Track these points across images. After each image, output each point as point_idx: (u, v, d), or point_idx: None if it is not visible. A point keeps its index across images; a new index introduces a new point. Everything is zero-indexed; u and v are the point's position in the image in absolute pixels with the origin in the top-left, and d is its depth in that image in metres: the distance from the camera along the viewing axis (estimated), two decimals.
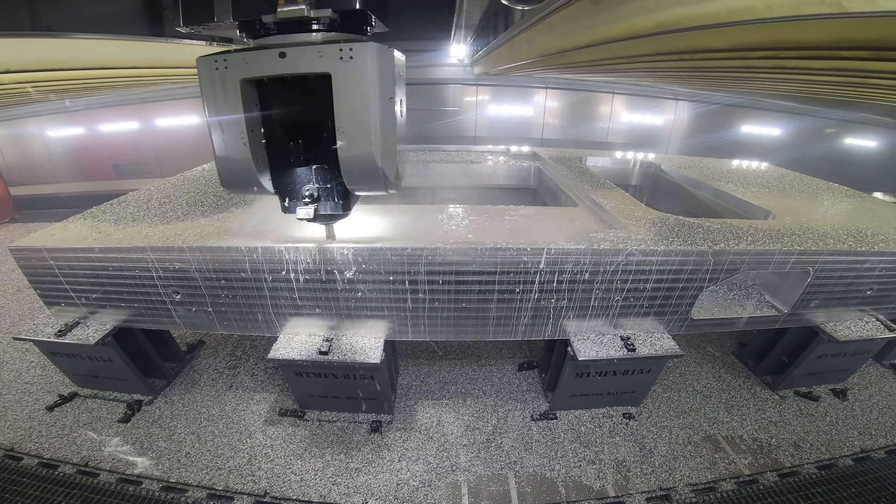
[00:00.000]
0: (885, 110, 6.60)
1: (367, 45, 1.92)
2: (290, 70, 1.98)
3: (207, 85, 2.03)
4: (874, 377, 4.44)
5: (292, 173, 2.43)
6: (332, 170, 2.38)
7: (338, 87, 1.97)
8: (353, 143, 2.08)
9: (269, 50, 1.95)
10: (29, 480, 3.18)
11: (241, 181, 2.31)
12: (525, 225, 3.58)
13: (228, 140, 2.13)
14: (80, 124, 10.66)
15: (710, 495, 3.18)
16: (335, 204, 2.50)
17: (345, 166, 2.17)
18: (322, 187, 2.45)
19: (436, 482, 3.24)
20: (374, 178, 2.23)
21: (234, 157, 2.18)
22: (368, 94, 1.98)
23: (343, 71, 1.94)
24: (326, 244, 3.07)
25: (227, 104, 2.04)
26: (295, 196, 2.48)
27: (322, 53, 1.92)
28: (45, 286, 3.43)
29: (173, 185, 4.75)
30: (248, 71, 1.98)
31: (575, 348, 3.37)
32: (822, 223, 3.86)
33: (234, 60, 1.97)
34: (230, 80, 1.99)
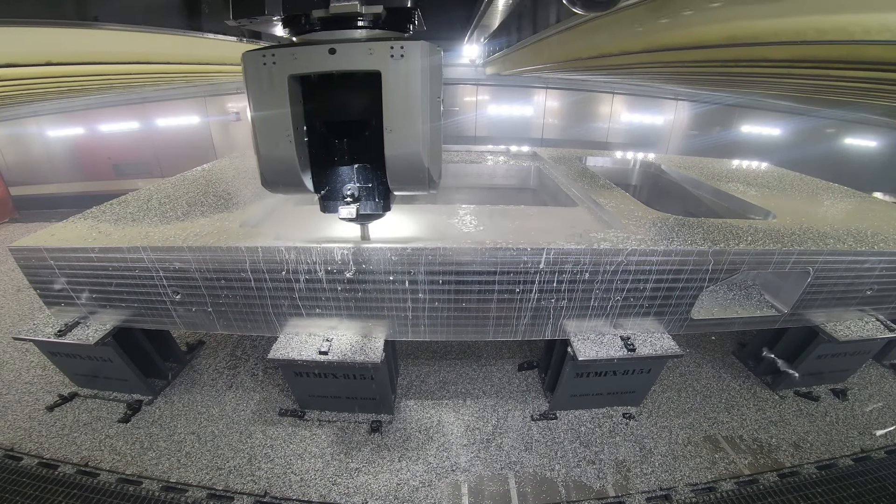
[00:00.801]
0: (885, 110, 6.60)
1: (418, 44, 1.91)
2: (339, 67, 1.95)
3: (254, 80, 1.99)
4: (874, 377, 4.44)
5: (333, 172, 2.40)
6: (373, 169, 2.36)
7: (388, 85, 1.95)
8: (400, 142, 2.06)
9: (318, 46, 1.92)
10: (29, 480, 3.18)
11: (283, 180, 2.26)
12: (525, 225, 3.58)
13: (273, 137, 2.09)
14: (80, 124, 10.66)
15: (710, 495, 3.18)
16: (375, 204, 2.49)
17: (391, 165, 2.14)
18: (363, 187, 2.43)
19: (436, 482, 3.24)
20: (419, 178, 2.21)
21: (279, 156, 2.14)
22: (418, 93, 1.97)
23: (393, 69, 1.92)
24: (363, 244, 3.06)
25: (273, 100, 2.01)
26: (334, 195, 2.45)
27: (372, 51, 1.90)
28: (45, 286, 3.43)
29: (173, 185, 4.75)
30: (297, 67, 1.95)
31: (575, 348, 3.37)
32: (822, 223, 3.86)
33: (282, 56, 1.94)
34: (277, 75, 1.96)
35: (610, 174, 6.56)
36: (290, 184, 2.29)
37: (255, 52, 1.95)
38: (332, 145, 2.28)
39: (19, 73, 3.37)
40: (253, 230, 3.42)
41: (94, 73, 4.06)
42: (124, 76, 4.78)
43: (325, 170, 2.38)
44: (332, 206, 2.50)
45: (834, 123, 10.14)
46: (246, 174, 5.22)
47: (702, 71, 3.93)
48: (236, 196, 4.28)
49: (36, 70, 3.38)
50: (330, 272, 3.13)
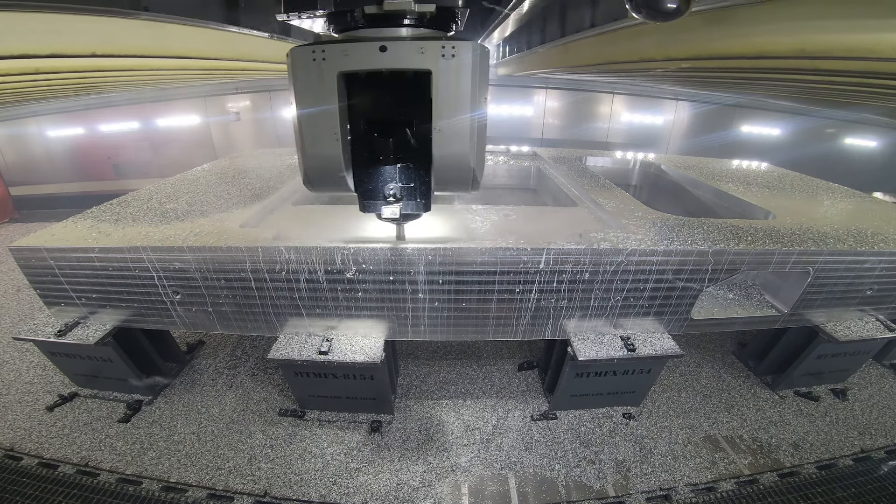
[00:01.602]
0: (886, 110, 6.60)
1: (469, 44, 1.90)
2: (389, 65, 1.92)
3: (303, 76, 1.95)
4: (874, 377, 4.44)
5: (375, 172, 2.37)
6: (416, 169, 2.35)
7: (438, 84, 1.93)
8: (448, 142, 2.06)
9: (369, 43, 1.90)
10: (29, 480, 3.18)
11: (328, 179, 2.23)
12: (525, 225, 3.58)
13: (320, 135, 2.07)
14: (80, 124, 10.66)
15: (710, 495, 3.18)
16: (417, 203, 2.46)
17: (437, 165, 2.13)
18: (405, 186, 2.40)
19: (436, 482, 3.24)
20: (464, 179, 2.20)
21: (325, 154, 2.11)
22: (467, 94, 1.96)
23: (444, 69, 1.91)
24: (401, 245, 3.05)
25: (322, 97, 1.98)
26: (374, 195, 2.42)
27: (424, 50, 1.89)
28: (45, 286, 3.42)
29: (173, 185, 4.75)
30: (346, 64, 1.93)
31: (575, 348, 3.37)
32: (822, 223, 3.86)
33: (332, 52, 1.90)
34: (327, 72, 1.93)
35: (610, 174, 6.55)
36: (333, 183, 2.26)
37: (305, 48, 1.92)
38: (374, 144, 2.25)
39: (62, 64, 3.24)
40: (253, 230, 3.42)
41: (133, 67, 3.94)
42: (162, 72, 4.68)
43: (367, 169, 2.35)
44: (373, 206, 2.47)
45: (834, 123, 10.14)
46: (246, 174, 5.22)
47: (756, 78, 4.00)
48: (236, 196, 4.28)
49: (79, 62, 3.25)
50: (330, 272, 3.13)
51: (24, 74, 3.22)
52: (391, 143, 2.22)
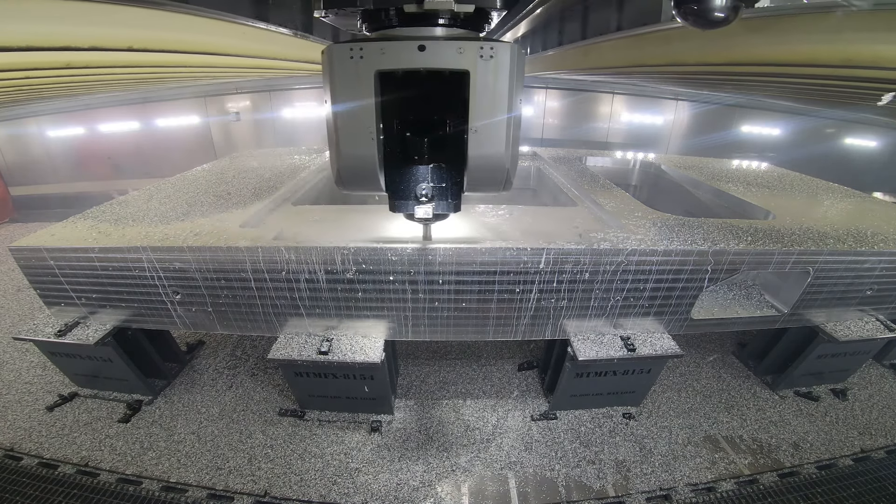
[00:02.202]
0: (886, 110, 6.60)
1: (507, 45, 1.90)
2: (427, 64, 1.92)
3: (340, 75, 1.94)
4: (874, 377, 4.44)
5: (407, 172, 2.36)
6: (448, 169, 2.34)
7: (475, 85, 1.93)
8: (484, 142, 2.06)
9: (407, 42, 1.89)
10: (29, 480, 3.18)
11: (362, 179, 2.22)
12: (525, 225, 3.58)
13: (356, 135, 2.05)
14: (80, 124, 10.66)
15: (710, 495, 3.18)
16: (447, 204, 2.46)
17: (472, 166, 2.13)
18: (436, 186, 2.39)
19: (436, 482, 3.24)
20: (498, 179, 2.21)
21: (360, 154, 2.10)
22: (505, 95, 1.97)
23: (482, 69, 1.91)
24: (430, 245, 3.05)
25: (359, 96, 1.97)
26: (405, 195, 2.41)
27: (462, 50, 1.88)
28: (45, 286, 3.42)
29: (173, 185, 4.76)
30: (384, 62, 1.91)
31: (575, 348, 3.37)
32: (821, 223, 3.86)
33: (370, 50, 1.89)
34: (364, 70, 1.92)
35: (610, 174, 6.55)
36: (367, 183, 2.25)
37: (342, 46, 1.90)
38: (407, 144, 2.24)
39: (99, 59, 3.10)
40: (253, 230, 3.42)
41: (166, 63, 3.84)
42: (192, 69, 4.52)
43: (399, 169, 2.34)
44: (403, 206, 2.46)
45: (834, 123, 10.13)
46: (246, 174, 5.22)
47: (797, 84, 4.09)
48: (236, 196, 4.28)
49: (117, 57, 3.10)
50: (330, 272, 3.13)
51: (58, 69, 3.07)
52: (425, 143, 2.21)
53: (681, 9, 2.25)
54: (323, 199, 5.49)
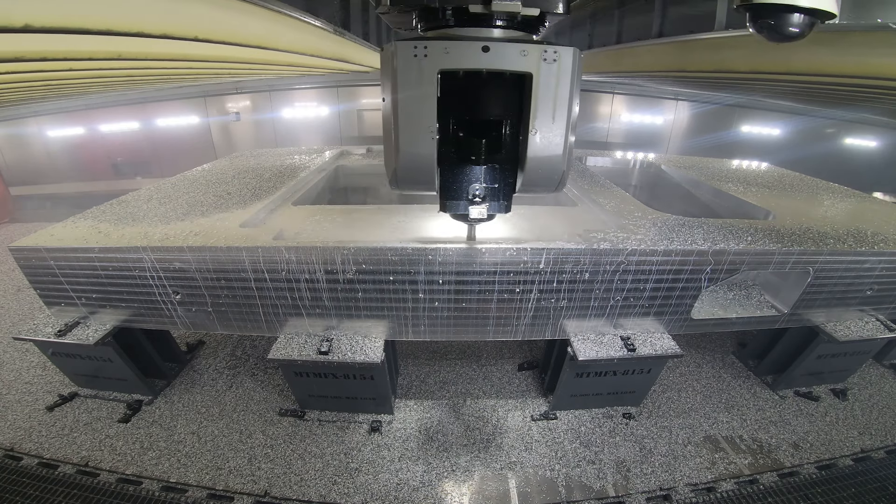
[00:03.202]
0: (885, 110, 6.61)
1: (570, 50, 1.92)
2: (491, 66, 1.93)
3: (404, 73, 1.93)
4: (874, 377, 4.44)
5: (461, 172, 2.36)
6: (501, 169, 2.35)
7: (538, 87, 1.95)
8: (544, 144, 2.08)
9: (471, 42, 1.90)
10: (29, 480, 3.18)
11: (419, 178, 2.22)
12: (525, 225, 3.58)
13: (416, 133, 2.05)
14: (80, 124, 10.66)
15: (710, 495, 3.18)
16: (499, 204, 2.47)
17: (530, 167, 2.15)
18: (489, 187, 2.40)
19: (436, 482, 3.24)
20: (553, 181, 2.24)
21: (419, 152, 2.10)
22: (566, 98, 1.99)
23: (545, 72, 1.93)
24: (476, 245, 3.05)
25: (422, 95, 1.97)
26: (457, 195, 2.41)
27: (526, 52, 1.90)
28: (45, 286, 3.42)
29: (173, 185, 4.76)
30: (448, 62, 1.92)
31: (575, 348, 3.37)
32: (821, 223, 3.86)
33: (434, 49, 1.90)
34: (428, 69, 1.92)
35: (610, 174, 6.55)
36: (423, 182, 2.26)
37: (406, 44, 1.91)
38: (464, 144, 2.25)
39: (167, 50, 2.91)
40: (253, 230, 3.42)
41: (224, 58, 3.67)
42: (247, 65, 4.34)
43: (453, 169, 2.34)
44: (455, 206, 2.46)
45: (834, 123, 10.14)
46: (246, 174, 5.22)
47: (859, 95, 4.22)
48: (236, 196, 4.28)
49: (182, 48, 2.89)
50: (330, 272, 3.13)
51: (109, 60, 2.81)
52: (482, 144, 2.21)
53: (756, 22, 2.31)
54: (323, 199, 5.50)
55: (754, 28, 2.34)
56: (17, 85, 3.72)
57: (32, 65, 2.83)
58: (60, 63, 2.80)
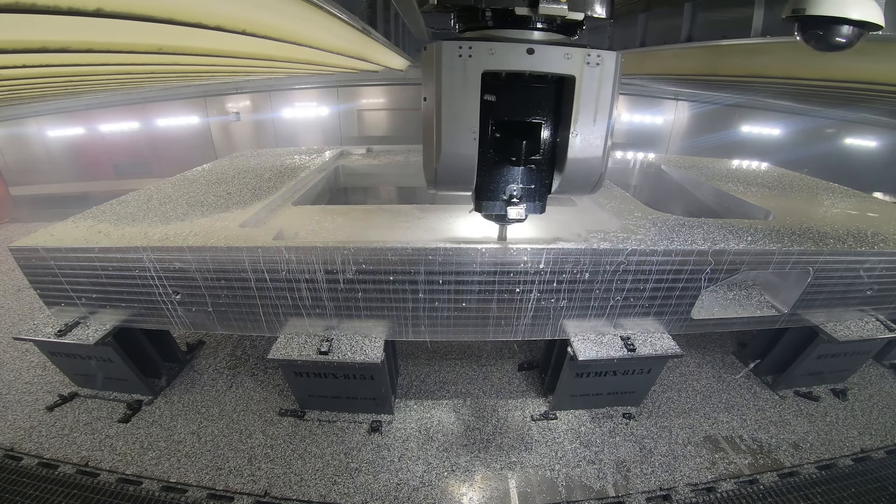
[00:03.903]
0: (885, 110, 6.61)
1: (613, 54, 1.94)
2: (534, 67, 1.94)
3: (447, 72, 1.94)
4: (874, 377, 4.44)
5: (498, 172, 2.37)
6: (538, 171, 2.36)
7: (580, 90, 1.97)
8: (584, 146, 2.10)
9: (517, 44, 1.91)
10: (29, 480, 3.17)
11: (458, 178, 2.23)
12: (525, 225, 3.58)
13: (458, 133, 2.06)
14: (80, 124, 10.66)
15: (710, 495, 3.18)
16: (534, 205, 2.48)
17: (570, 168, 2.17)
18: (525, 188, 2.41)
19: (436, 482, 3.24)
20: (591, 182, 2.26)
21: (460, 152, 2.11)
22: (607, 101, 2.02)
23: (588, 76, 1.96)
24: (510, 245, 3.07)
25: (465, 95, 1.98)
26: (493, 195, 2.42)
27: (570, 56, 1.92)
28: (45, 286, 3.42)
29: (173, 185, 4.75)
30: (492, 63, 1.93)
31: (575, 348, 3.37)
32: (821, 223, 3.86)
33: (479, 50, 1.91)
34: (472, 69, 1.93)
35: (610, 174, 6.51)
36: (462, 182, 2.26)
37: (452, 43, 1.92)
38: (504, 145, 2.25)
39: (207, 45, 2.83)
40: (253, 230, 3.42)
41: (258, 54, 3.57)
42: (291, 63, 4.32)
43: (490, 170, 2.34)
44: (491, 206, 2.46)
45: (834, 123, 10.13)
46: (246, 174, 5.22)
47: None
48: (236, 196, 4.28)
49: (223, 43, 2.72)
50: (330, 272, 3.13)
51: (151, 53, 2.79)
52: (522, 145, 2.22)
53: (806, 32, 2.37)
54: (323, 199, 5.50)
55: (803, 37, 2.40)
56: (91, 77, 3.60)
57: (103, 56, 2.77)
58: (105, 55, 2.76)
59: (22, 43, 1.72)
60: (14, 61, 2.14)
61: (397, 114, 11.29)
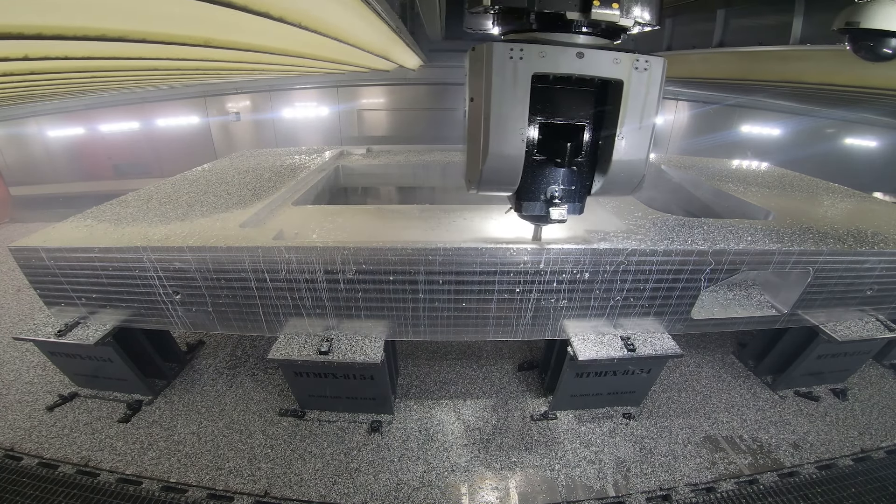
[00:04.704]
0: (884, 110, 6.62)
1: (660, 60, 1.97)
2: (584, 71, 1.96)
3: (498, 73, 1.95)
4: (874, 377, 4.44)
5: (541, 174, 2.38)
6: (579, 172, 2.37)
7: (628, 94, 2.00)
8: (629, 149, 2.12)
9: (567, 48, 1.92)
10: (29, 480, 3.18)
11: (503, 179, 2.25)
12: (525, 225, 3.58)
13: (506, 134, 2.07)
14: (80, 124, 10.66)
15: (710, 495, 3.18)
16: (574, 206, 2.50)
17: (614, 170, 2.19)
18: (566, 189, 2.42)
19: (436, 482, 3.24)
20: (633, 183, 2.29)
21: (508, 153, 2.12)
22: (653, 105, 2.05)
23: (636, 80, 1.98)
24: (547, 245, 3.07)
25: (515, 96, 1.99)
26: (534, 196, 2.43)
27: (619, 60, 1.94)
28: (45, 286, 3.42)
29: (173, 185, 4.75)
30: (542, 65, 1.94)
31: (575, 348, 3.37)
32: (821, 223, 3.86)
33: (529, 52, 1.92)
34: (522, 71, 1.94)
35: None
36: (507, 183, 2.27)
37: (503, 45, 1.92)
38: (549, 146, 2.26)
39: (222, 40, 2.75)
40: (253, 230, 3.42)
41: (288, 50, 3.55)
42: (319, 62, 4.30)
43: (533, 171, 2.35)
44: (532, 207, 2.47)
45: (834, 123, 10.13)
46: (246, 174, 5.22)
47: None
48: (236, 196, 4.28)
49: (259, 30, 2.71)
50: (330, 272, 3.13)
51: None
52: (567, 146, 2.23)
53: (856, 44, 2.45)
54: (323, 199, 5.50)
55: (853, 48, 2.46)
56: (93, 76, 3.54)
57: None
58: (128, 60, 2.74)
59: (21, 28, 1.70)
60: (15, 50, 2.12)
61: (397, 114, 11.30)
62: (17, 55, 2.13)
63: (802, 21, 3.59)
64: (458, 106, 11.23)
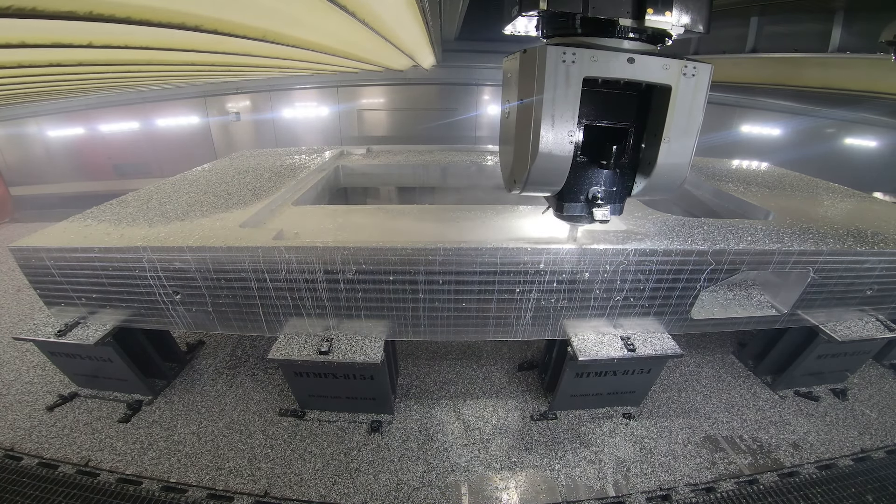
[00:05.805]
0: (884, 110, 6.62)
1: (707, 67, 2.00)
2: (634, 76, 1.99)
3: (550, 76, 1.98)
4: (874, 377, 4.44)
5: (584, 175, 2.41)
6: (621, 174, 2.41)
7: (675, 99, 2.04)
8: (674, 153, 2.16)
9: (619, 53, 1.96)
10: (29, 480, 3.18)
11: (550, 180, 2.28)
12: (525, 225, 3.58)
13: (555, 136, 2.10)
14: (80, 124, 10.66)
15: (710, 495, 3.18)
16: (614, 207, 2.52)
17: (658, 173, 2.23)
18: (608, 190, 2.45)
19: (436, 482, 3.24)
20: (675, 185, 2.33)
21: (557, 155, 2.15)
22: (699, 111, 2.09)
23: (684, 86, 2.01)
24: (588, 245, 3.11)
25: (566, 99, 2.02)
26: (576, 198, 2.46)
27: (668, 66, 1.97)
28: (45, 286, 3.42)
29: (173, 185, 4.75)
30: (593, 69, 1.97)
31: (575, 348, 3.37)
32: (821, 223, 3.86)
33: (581, 56, 1.95)
34: (574, 74, 1.97)
35: None
36: (553, 184, 2.31)
37: (557, 48, 1.95)
38: (588, 148, 2.31)
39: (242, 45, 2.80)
40: (253, 230, 3.42)
41: (320, 46, 3.56)
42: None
43: (576, 172, 2.38)
44: (573, 208, 2.50)
45: (834, 123, 10.13)
46: (246, 174, 5.22)
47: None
48: (236, 196, 4.28)
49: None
50: (330, 273, 3.13)
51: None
52: (613, 149, 2.27)
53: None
54: (323, 199, 5.50)
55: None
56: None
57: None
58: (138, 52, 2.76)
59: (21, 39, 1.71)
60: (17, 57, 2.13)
61: (397, 114, 11.29)
62: (14, 42, 2.15)
63: (841, 30, 3.67)
64: (458, 106, 11.25)
